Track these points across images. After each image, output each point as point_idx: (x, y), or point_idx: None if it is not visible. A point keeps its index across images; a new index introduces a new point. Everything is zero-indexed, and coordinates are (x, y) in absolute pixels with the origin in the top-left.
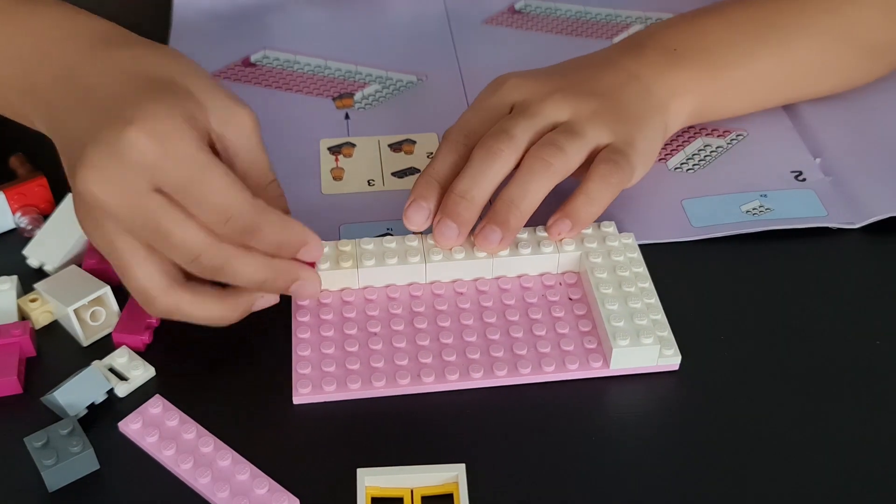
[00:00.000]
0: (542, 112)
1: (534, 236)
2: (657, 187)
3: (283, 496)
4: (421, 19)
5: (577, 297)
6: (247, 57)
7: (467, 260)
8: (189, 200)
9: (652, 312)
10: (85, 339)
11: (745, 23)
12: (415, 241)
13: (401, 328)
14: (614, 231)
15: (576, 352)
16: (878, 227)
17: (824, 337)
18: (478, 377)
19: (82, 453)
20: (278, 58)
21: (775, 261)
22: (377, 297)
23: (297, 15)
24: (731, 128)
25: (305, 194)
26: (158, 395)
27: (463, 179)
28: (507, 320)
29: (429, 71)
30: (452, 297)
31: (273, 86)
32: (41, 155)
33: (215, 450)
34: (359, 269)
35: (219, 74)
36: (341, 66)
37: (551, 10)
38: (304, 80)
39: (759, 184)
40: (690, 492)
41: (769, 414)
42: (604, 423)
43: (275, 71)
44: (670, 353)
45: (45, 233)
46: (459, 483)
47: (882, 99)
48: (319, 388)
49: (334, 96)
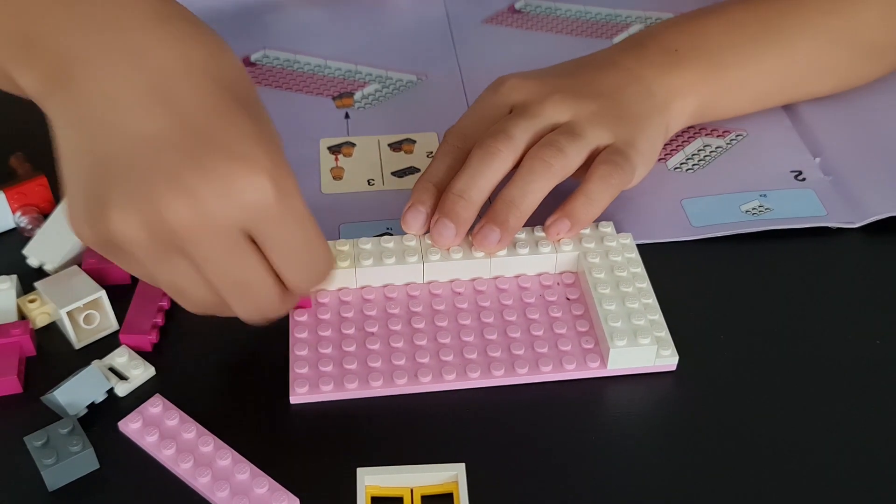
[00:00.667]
0: (542, 113)
1: (532, 236)
2: (657, 187)
3: (282, 495)
4: (421, 19)
5: (575, 297)
6: (247, 56)
7: (465, 260)
8: (274, 256)
9: (649, 312)
10: (77, 342)
11: (747, 23)
12: (413, 241)
13: (398, 328)
14: (612, 231)
15: (573, 352)
16: (878, 226)
17: (824, 337)
18: (475, 377)
19: (82, 452)
20: (278, 57)
21: (774, 261)
22: (375, 297)
23: (297, 15)
24: (731, 128)
25: (305, 193)
26: (158, 395)
27: (461, 179)
28: (504, 320)
29: (429, 70)
30: (450, 296)
31: (273, 85)
32: (41, 154)
33: (215, 449)
34: (356, 268)
35: None
36: (341, 65)
37: (551, 9)
38: (304, 80)
39: (759, 184)
40: (688, 492)
41: (767, 414)
42: (601, 422)
43: (275, 70)
44: (668, 354)
45: (45, 232)
46: (459, 482)
47: (882, 99)
48: (317, 388)
49: (334, 96)
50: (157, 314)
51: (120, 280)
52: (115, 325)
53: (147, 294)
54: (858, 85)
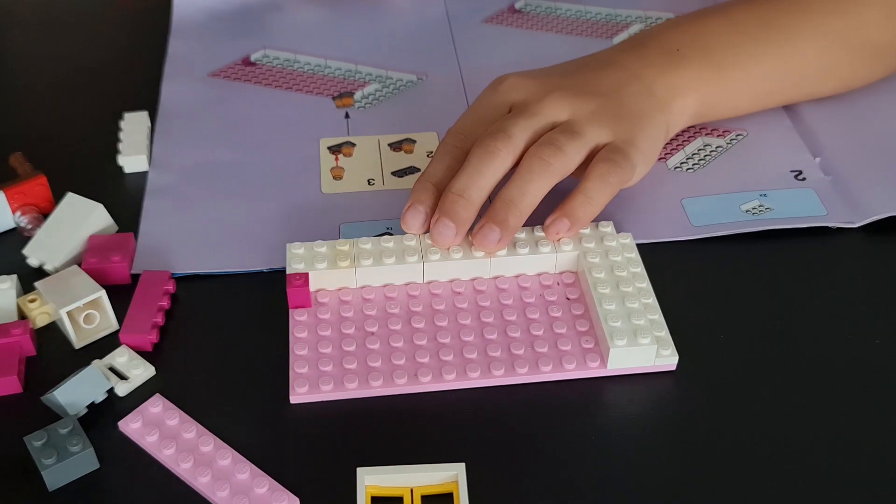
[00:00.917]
0: (541, 111)
1: (531, 236)
2: (657, 187)
3: (282, 495)
4: (421, 19)
5: (575, 296)
6: (247, 56)
7: (465, 260)
8: None
9: (649, 312)
10: (77, 342)
11: (748, 23)
12: (412, 240)
13: (398, 328)
14: (612, 231)
15: (573, 351)
16: (878, 226)
17: (824, 337)
18: (475, 377)
19: (82, 452)
20: (278, 57)
21: (775, 261)
22: (375, 297)
23: (297, 14)
24: (731, 127)
25: (305, 193)
26: (158, 395)
27: (460, 178)
28: (504, 320)
29: (429, 70)
30: (450, 296)
31: (273, 85)
32: (41, 154)
33: (215, 449)
34: (356, 268)
35: (218, 73)
36: (341, 65)
37: (551, 9)
38: (304, 80)
39: (759, 183)
40: (688, 492)
41: (767, 414)
42: (601, 422)
43: (275, 70)
44: (667, 353)
45: (45, 232)
46: (459, 482)
47: (882, 99)
48: (316, 388)
49: (334, 95)
50: (157, 314)
51: (120, 280)
52: (115, 325)
53: (147, 294)
54: (860, 86)
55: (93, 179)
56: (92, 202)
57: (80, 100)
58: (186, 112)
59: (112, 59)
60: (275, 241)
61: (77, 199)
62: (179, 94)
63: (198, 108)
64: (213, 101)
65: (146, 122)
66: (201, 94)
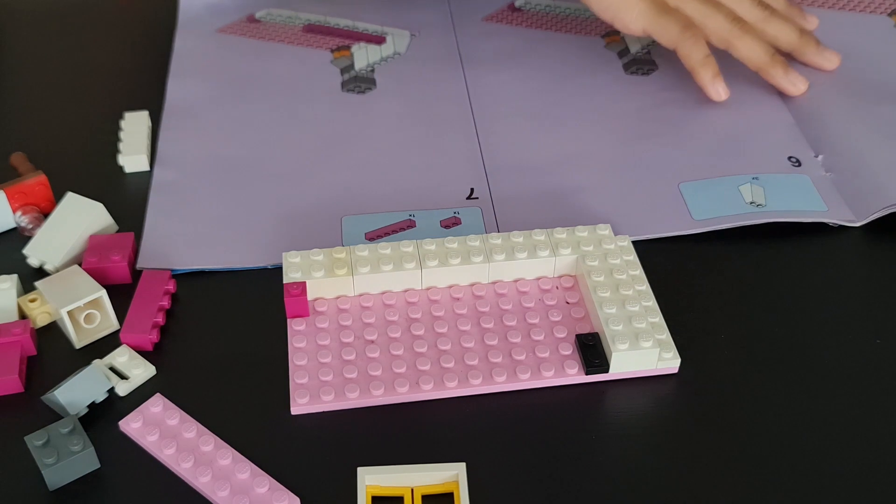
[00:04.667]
0: None
1: (530, 240)
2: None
3: (283, 495)
4: (421, 19)
5: (575, 300)
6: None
7: (463, 265)
8: None
9: (650, 315)
10: (78, 342)
11: None
12: (409, 247)
13: (398, 335)
14: (610, 234)
15: (574, 356)
16: (879, 225)
17: (824, 336)
18: (477, 383)
19: (83, 452)
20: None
21: (775, 261)
22: (373, 305)
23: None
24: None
25: (307, 187)
26: (159, 394)
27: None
28: (504, 325)
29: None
30: (449, 302)
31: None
32: (42, 154)
33: (215, 448)
34: (354, 276)
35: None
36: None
37: (550, 7)
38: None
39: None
40: (691, 494)
41: (769, 415)
42: (603, 425)
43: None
44: (669, 356)
45: (46, 232)
46: (460, 482)
47: (883, 96)
48: (317, 398)
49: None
50: (157, 313)
51: (120, 279)
52: (116, 325)
53: (148, 293)
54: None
55: (93, 179)
56: (92, 202)
57: (81, 99)
58: (191, 106)
59: (113, 58)
60: (276, 236)
61: (77, 199)
62: (185, 88)
63: (203, 101)
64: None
65: (146, 122)
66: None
